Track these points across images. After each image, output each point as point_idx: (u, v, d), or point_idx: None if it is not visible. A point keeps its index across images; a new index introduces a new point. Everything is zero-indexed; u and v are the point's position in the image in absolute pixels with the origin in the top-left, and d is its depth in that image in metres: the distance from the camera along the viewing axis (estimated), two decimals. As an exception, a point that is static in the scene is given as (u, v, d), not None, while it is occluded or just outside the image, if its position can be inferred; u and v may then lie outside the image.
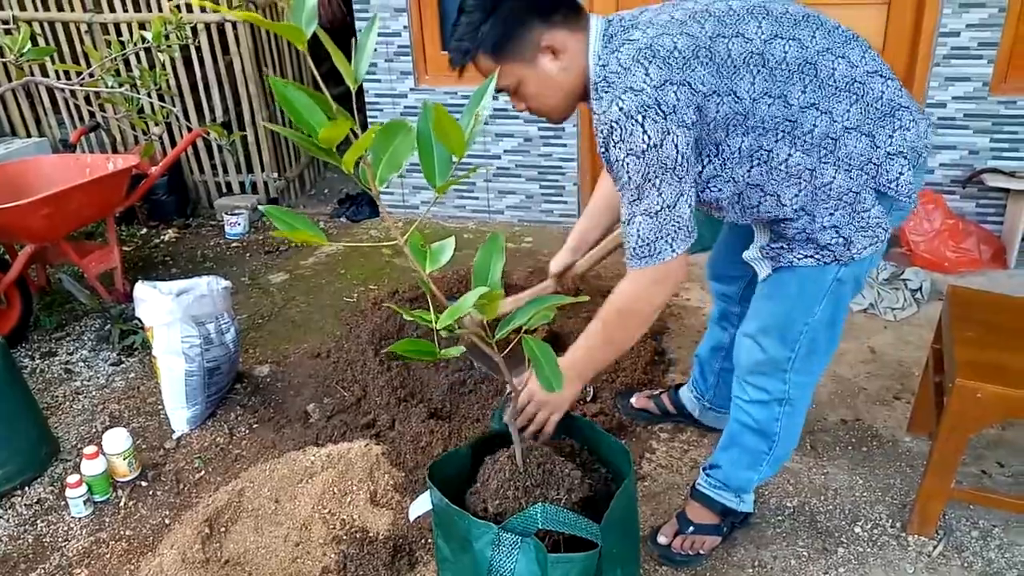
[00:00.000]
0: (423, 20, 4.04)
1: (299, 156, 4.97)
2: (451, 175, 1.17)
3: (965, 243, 3.44)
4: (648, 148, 1.44)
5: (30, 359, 3.08)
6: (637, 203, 1.50)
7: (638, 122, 1.43)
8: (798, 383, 1.81)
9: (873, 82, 1.56)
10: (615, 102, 1.46)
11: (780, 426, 1.86)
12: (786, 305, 1.72)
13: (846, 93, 1.53)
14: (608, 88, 1.50)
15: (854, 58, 1.56)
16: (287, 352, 3.07)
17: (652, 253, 1.52)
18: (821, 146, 1.54)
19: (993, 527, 2.07)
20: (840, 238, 1.60)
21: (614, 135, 1.46)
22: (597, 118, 1.51)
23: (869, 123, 1.55)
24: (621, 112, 1.44)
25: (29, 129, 4.71)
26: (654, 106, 1.43)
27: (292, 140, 1.05)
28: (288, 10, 1.05)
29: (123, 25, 4.27)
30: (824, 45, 1.54)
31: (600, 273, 3.57)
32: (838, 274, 1.65)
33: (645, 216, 1.49)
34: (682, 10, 1.57)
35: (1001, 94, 3.46)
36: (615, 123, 1.45)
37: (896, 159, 1.56)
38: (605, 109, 1.48)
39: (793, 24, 1.55)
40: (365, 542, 2.03)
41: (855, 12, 3.56)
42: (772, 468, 1.96)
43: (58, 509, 2.30)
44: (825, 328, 1.74)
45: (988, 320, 2.10)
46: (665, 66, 1.45)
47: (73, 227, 3.17)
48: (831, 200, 1.57)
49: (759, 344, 1.78)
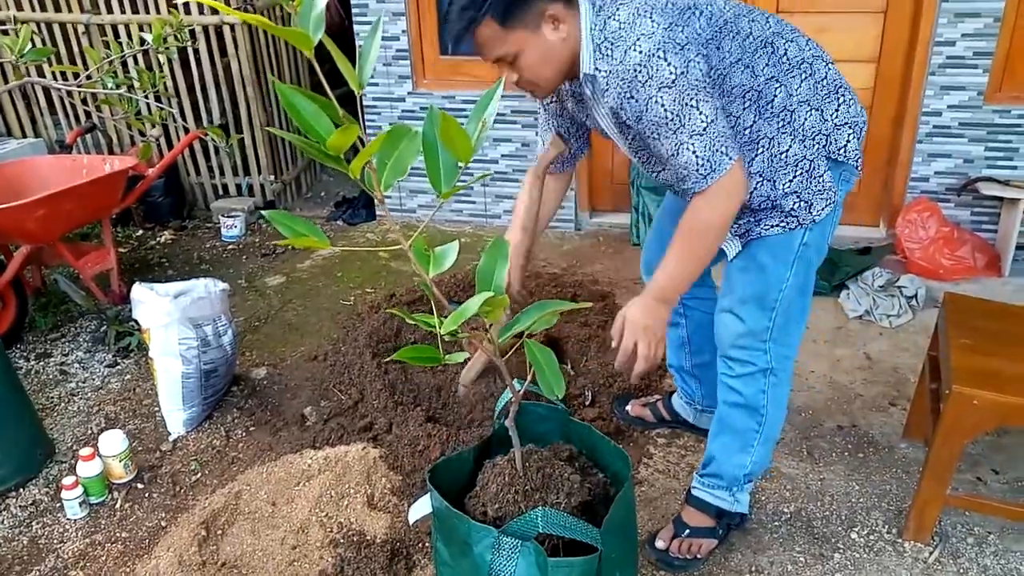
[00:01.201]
0: (421, 24, 4.05)
1: (296, 159, 4.97)
2: (456, 181, 1.17)
3: (960, 251, 3.46)
4: (677, 76, 1.50)
5: (25, 360, 3.07)
6: (682, 129, 1.54)
7: (660, 57, 1.49)
8: (779, 354, 1.88)
9: (818, 64, 1.71)
10: (629, 51, 1.51)
11: (767, 399, 1.91)
12: (760, 275, 1.81)
13: (798, 70, 1.69)
14: (614, 44, 1.54)
15: (800, 43, 1.72)
16: (284, 355, 3.07)
17: (715, 166, 1.56)
18: (779, 117, 1.68)
19: (989, 534, 2.08)
20: (801, 202, 1.72)
21: (639, 77, 1.51)
22: (608, 74, 1.56)
23: (818, 99, 1.70)
24: (640, 54, 1.50)
25: (25, 130, 4.70)
26: (670, 41, 1.51)
27: (291, 143, 1.06)
28: (295, 15, 1.05)
29: (121, 26, 4.26)
30: (776, 30, 1.71)
31: (596, 278, 3.58)
32: (804, 238, 1.77)
33: (694, 136, 1.54)
34: None
35: (996, 103, 3.49)
36: (638, 66, 1.51)
37: (843, 129, 1.72)
38: (620, 59, 1.53)
39: (748, 10, 1.71)
40: (362, 545, 2.03)
41: (852, 21, 3.58)
42: (764, 450, 1.97)
43: (53, 511, 2.29)
44: (797, 295, 1.84)
45: (984, 327, 2.11)
46: (665, 13, 1.54)
47: (69, 228, 3.16)
48: (788, 167, 1.70)
49: (738, 316, 1.86)
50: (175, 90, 4.38)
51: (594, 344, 2.88)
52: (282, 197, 4.78)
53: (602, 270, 3.70)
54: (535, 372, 1.37)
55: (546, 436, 1.71)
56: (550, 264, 3.77)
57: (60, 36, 4.38)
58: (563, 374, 1.39)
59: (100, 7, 4.32)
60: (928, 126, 3.59)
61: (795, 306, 1.85)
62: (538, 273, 3.55)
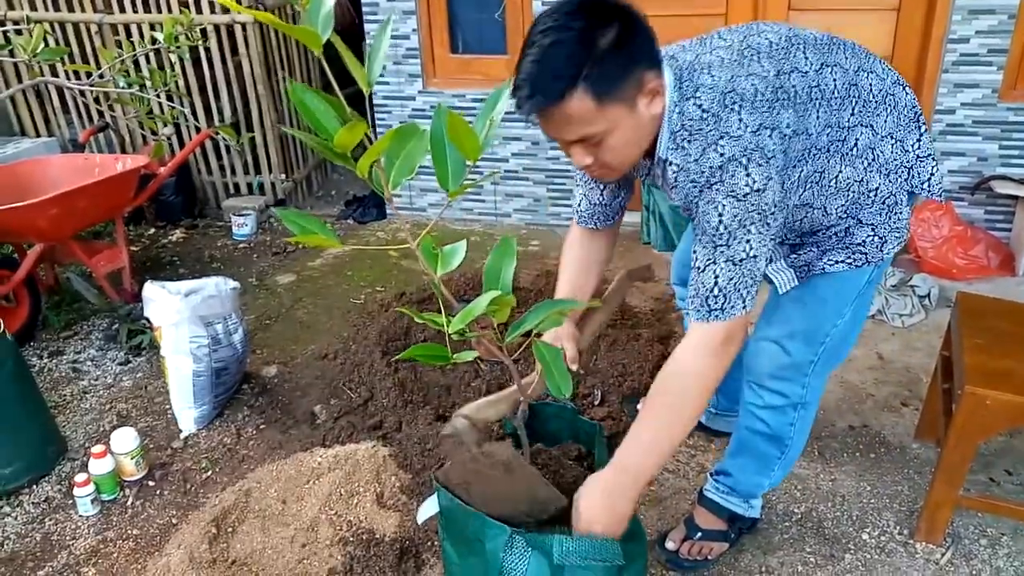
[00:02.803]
0: (432, 23, 4.05)
1: (307, 158, 4.98)
2: (465, 179, 1.17)
3: (973, 250, 3.43)
4: (751, 192, 1.36)
5: (38, 358, 3.09)
6: (724, 248, 1.39)
7: (743, 165, 1.36)
8: (815, 386, 1.82)
9: (898, 91, 1.60)
10: (710, 148, 1.37)
11: (794, 431, 1.86)
12: (819, 309, 1.71)
13: (883, 106, 1.57)
14: (693, 136, 1.40)
15: (879, 72, 1.59)
16: (294, 353, 3.08)
17: (725, 306, 1.41)
18: (864, 156, 1.56)
19: (1002, 535, 2.06)
20: (876, 237, 1.63)
21: (712, 179, 1.38)
22: (679, 168, 1.43)
23: (901, 130, 1.59)
24: (723, 158, 1.36)
25: (39, 129, 4.73)
26: (757, 150, 1.37)
27: (301, 141, 1.06)
28: (304, 13, 1.05)
29: (133, 26, 4.28)
30: (857, 64, 1.56)
31: (606, 277, 3.57)
32: (870, 276, 1.68)
33: (728, 264, 1.39)
34: (721, 49, 1.47)
35: (1010, 101, 3.46)
36: (716, 169, 1.37)
37: (926, 161, 1.62)
38: (697, 157, 1.39)
39: (828, 49, 1.54)
40: (371, 544, 2.03)
41: (865, 18, 3.56)
42: (783, 472, 1.96)
43: (66, 508, 2.30)
44: (850, 329, 1.76)
45: (997, 327, 2.09)
46: (756, 111, 1.38)
47: (82, 227, 3.18)
48: (874, 204, 1.61)
49: (784, 348, 1.76)
50: (187, 89, 4.40)
51: (603, 343, 2.87)
52: (293, 196, 4.80)
53: (612, 268, 3.68)
54: (543, 372, 1.37)
55: (555, 435, 1.71)
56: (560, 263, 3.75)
57: (73, 36, 4.41)
58: (571, 373, 1.39)
59: (113, 7, 4.35)
60: (942, 124, 3.56)
61: (845, 340, 1.77)
62: (548, 271, 3.54)
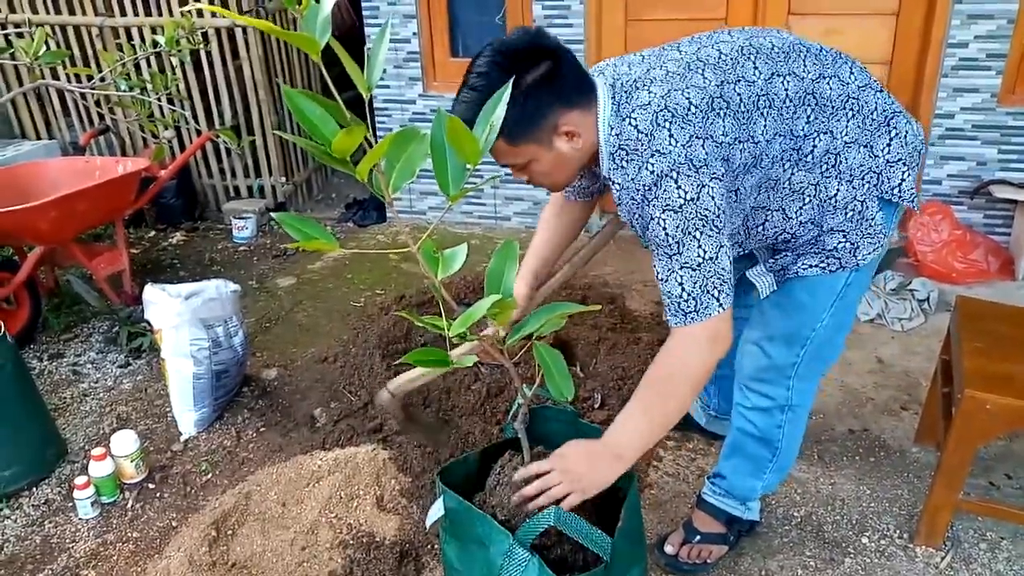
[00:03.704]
0: (432, 26, 4.06)
1: (307, 161, 4.98)
2: (465, 183, 1.17)
3: (973, 254, 3.43)
4: (685, 202, 1.40)
5: (38, 360, 3.09)
6: (677, 257, 1.44)
7: (672, 179, 1.41)
8: (801, 389, 1.82)
9: (866, 95, 1.58)
10: (643, 167, 1.43)
11: (783, 433, 1.87)
12: (796, 313, 1.73)
13: (843, 111, 1.56)
14: (630, 156, 1.46)
15: (844, 76, 1.58)
16: (294, 356, 3.08)
17: (699, 308, 1.44)
18: (823, 162, 1.56)
19: (1002, 539, 2.06)
20: (848, 243, 1.62)
21: (648, 196, 1.43)
22: (620, 187, 1.48)
23: (867, 135, 1.57)
24: (652, 174, 1.42)
25: (39, 131, 4.73)
26: (685, 163, 1.41)
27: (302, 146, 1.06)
28: (301, 19, 1.05)
29: (134, 29, 4.29)
30: (817, 72, 1.56)
31: (606, 280, 3.58)
32: (848, 280, 1.68)
33: (686, 269, 1.43)
34: (672, 62, 1.53)
35: (1009, 105, 3.46)
36: (649, 186, 1.43)
37: (896, 167, 1.59)
38: (633, 176, 1.45)
39: (784, 58, 1.55)
40: (371, 547, 2.03)
41: (864, 22, 3.56)
42: (776, 476, 1.96)
43: (65, 510, 2.30)
44: (832, 333, 1.76)
45: (997, 331, 2.10)
46: (687, 124, 1.43)
47: (82, 229, 3.19)
48: (838, 211, 1.60)
49: (764, 351, 1.79)
50: (187, 92, 4.41)
51: (604, 346, 2.88)
52: (293, 199, 4.80)
53: (612, 272, 3.69)
54: (544, 374, 1.37)
55: (556, 438, 1.71)
56: (560, 266, 3.75)
57: (74, 39, 4.42)
58: (572, 376, 1.39)
59: (114, 10, 4.36)
60: (941, 128, 3.56)
61: (828, 344, 1.77)
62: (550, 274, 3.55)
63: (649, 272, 3.67)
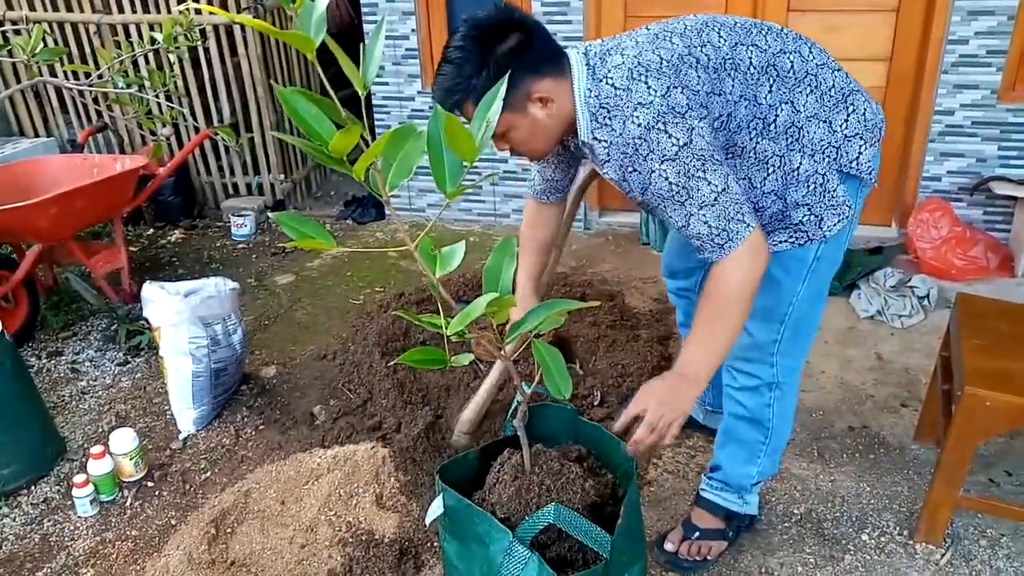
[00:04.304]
0: (431, 23, 4.05)
1: (306, 158, 4.98)
2: (462, 181, 1.16)
3: (972, 251, 3.43)
4: (680, 148, 1.45)
5: (37, 358, 3.09)
6: (690, 201, 1.49)
7: (661, 129, 1.45)
8: (785, 367, 1.84)
9: (824, 73, 1.64)
10: (629, 120, 1.47)
11: (772, 412, 1.88)
12: (772, 290, 1.76)
13: (804, 84, 1.62)
14: (612, 112, 1.50)
15: (804, 53, 1.64)
16: (293, 354, 3.08)
17: (731, 236, 1.51)
18: (787, 134, 1.62)
19: (1001, 536, 2.06)
20: (812, 215, 1.67)
21: (640, 151, 1.47)
22: (608, 144, 1.51)
23: (826, 110, 1.63)
24: (639, 127, 1.46)
25: (37, 129, 4.73)
26: (668, 112, 1.46)
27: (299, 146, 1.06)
28: (296, 17, 1.05)
29: (132, 26, 4.28)
30: (778, 46, 1.63)
31: (605, 278, 3.57)
32: (817, 252, 1.72)
33: (705, 208, 1.49)
34: (640, 34, 1.61)
35: (1009, 102, 3.45)
36: (638, 139, 1.46)
37: (853, 140, 1.65)
38: (620, 131, 1.48)
39: (746, 32, 1.63)
40: (371, 544, 2.03)
41: (864, 19, 3.56)
42: (770, 459, 1.96)
43: (64, 509, 2.30)
44: (809, 308, 1.79)
45: (997, 328, 2.09)
46: (662, 75, 1.49)
47: (80, 227, 3.18)
48: (799, 183, 1.65)
49: (745, 330, 1.80)
50: (185, 89, 4.40)
51: (603, 344, 2.87)
52: (292, 196, 4.80)
53: (611, 269, 3.69)
54: (543, 372, 1.36)
55: (555, 436, 1.70)
56: (559, 263, 3.75)
57: (72, 36, 4.41)
58: (572, 374, 1.39)
59: (111, 7, 4.34)
60: (941, 125, 3.56)
61: (806, 319, 1.81)
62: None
63: (648, 269, 3.68)
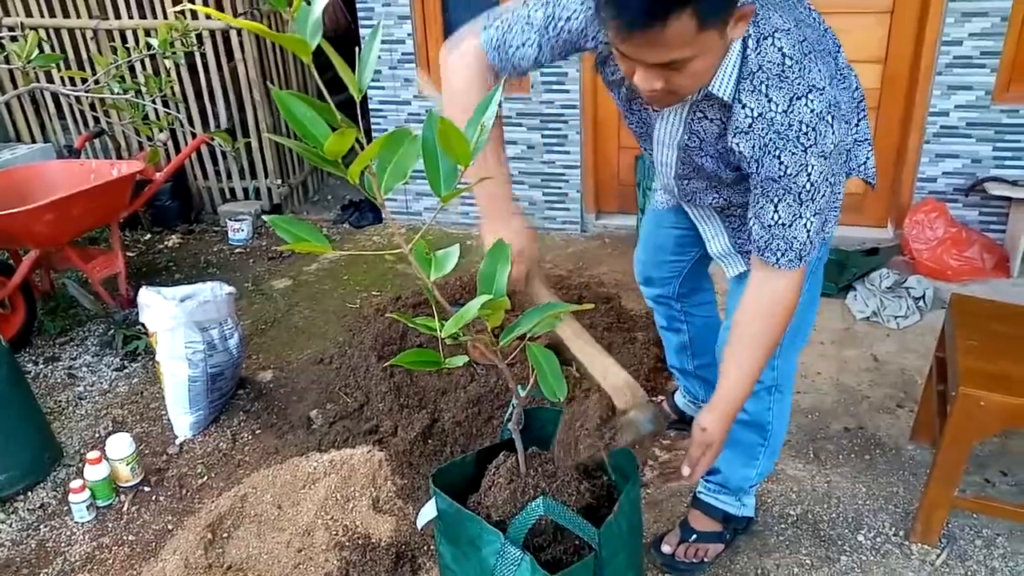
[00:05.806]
0: (427, 27, 4.06)
1: (303, 163, 4.98)
2: (457, 184, 1.17)
3: (968, 251, 3.44)
4: (836, 148, 1.35)
5: (33, 364, 3.08)
6: (810, 203, 1.37)
7: (829, 123, 1.33)
8: (784, 369, 1.85)
9: (850, 74, 1.64)
10: (800, 102, 1.32)
11: (772, 415, 1.89)
12: None
13: (844, 80, 1.60)
14: (778, 84, 1.31)
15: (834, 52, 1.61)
16: (290, 358, 3.08)
17: (808, 252, 1.44)
18: None
19: (997, 536, 2.06)
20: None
21: (802, 140, 1.33)
22: (757, 117, 1.34)
23: (849, 111, 1.59)
24: (814, 115, 1.32)
25: (34, 134, 4.73)
26: (835, 104, 1.34)
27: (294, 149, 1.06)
28: (292, 21, 1.05)
29: (128, 31, 4.28)
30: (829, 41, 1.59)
31: (602, 280, 3.58)
32: (819, 254, 1.72)
33: (817, 216, 1.40)
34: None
35: (1004, 103, 3.46)
36: (806, 126, 1.32)
37: (863, 146, 1.67)
38: (784, 109, 1.32)
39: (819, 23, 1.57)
40: (367, 548, 2.03)
41: (858, 20, 3.56)
42: (769, 461, 1.97)
43: (61, 514, 2.30)
44: (804, 309, 1.77)
45: (992, 329, 2.10)
46: (822, 61, 1.35)
47: (77, 232, 3.18)
48: None
49: None
50: (182, 95, 4.40)
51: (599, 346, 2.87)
52: (289, 201, 4.80)
53: (608, 272, 3.69)
54: (537, 375, 1.37)
55: (551, 439, 1.70)
56: (556, 266, 3.76)
57: (68, 41, 4.41)
58: (568, 376, 1.39)
59: (108, 12, 4.35)
60: (935, 126, 3.57)
61: (805, 321, 1.81)
62: (545, 275, 3.55)
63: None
